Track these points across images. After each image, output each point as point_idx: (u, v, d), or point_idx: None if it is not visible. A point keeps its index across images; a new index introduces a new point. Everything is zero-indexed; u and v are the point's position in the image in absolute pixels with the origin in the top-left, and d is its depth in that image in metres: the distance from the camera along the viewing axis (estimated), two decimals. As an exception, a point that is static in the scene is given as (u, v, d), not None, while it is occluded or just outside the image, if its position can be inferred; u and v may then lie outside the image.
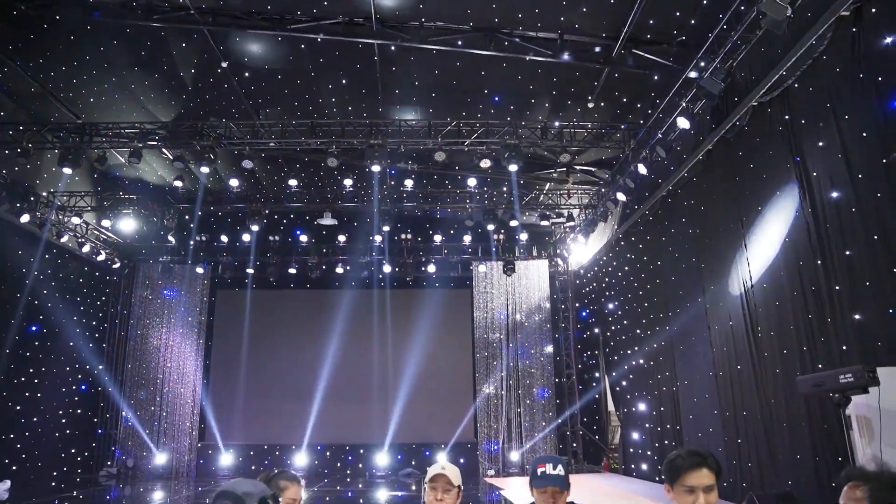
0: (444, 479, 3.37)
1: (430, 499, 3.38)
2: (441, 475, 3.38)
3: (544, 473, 3.26)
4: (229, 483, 2.53)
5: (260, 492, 2.49)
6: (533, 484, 3.32)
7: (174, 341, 17.30)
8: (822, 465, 7.59)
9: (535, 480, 3.30)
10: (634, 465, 14.24)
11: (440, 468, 3.42)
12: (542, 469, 3.28)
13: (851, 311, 7.07)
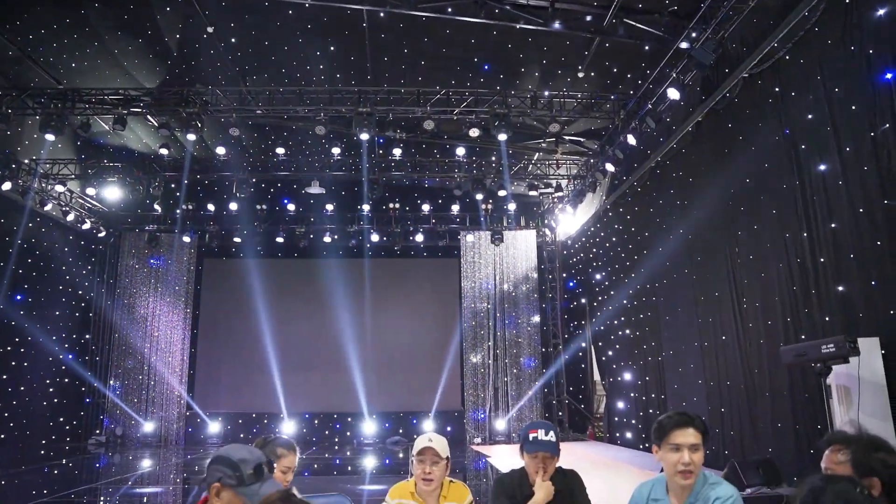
0: (431, 452, 3.40)
1: (419, 472, 3.41)
2: (428, 448, 3.41)
3: (536, 439, 3.32)
4: (224, 449, 2.54)
5: (255, 458, 2.49)
6: (524, 449, 3.37)
7: (161, 310, 17.26)
8: (801, 433, 7.76)
9: (526, 445, 3.35)
10: (619, 434, 14.48)
11: (427, 440, 3.45)
12: (534, 435, 3.33)
13: (835, 283, 7.16)
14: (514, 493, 3.37)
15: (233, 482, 2.42)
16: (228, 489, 2.43)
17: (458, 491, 3.51)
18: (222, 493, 2.44)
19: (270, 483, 2.46)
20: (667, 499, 2.85)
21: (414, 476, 3.47)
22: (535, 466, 3.33)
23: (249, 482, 2.42)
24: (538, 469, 3.30)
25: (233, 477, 2.43)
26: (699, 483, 2.75)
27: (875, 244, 6.56)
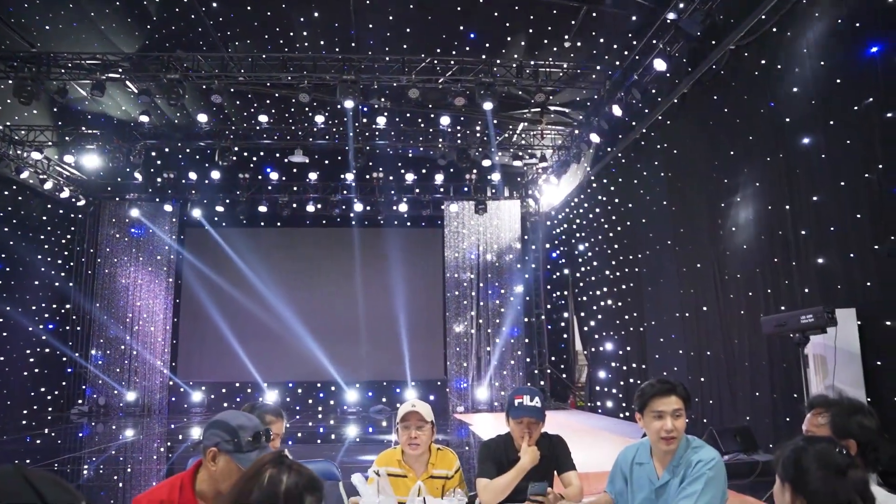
0: (416, 416, 3.44)
1: (405, 438, 3.44)
2: (412, 412, 3.44)
3: (521, 404, 3.36)
4: (222, 414, 2.53)
5: (254, 426, 2.49)
6: (510, 414, 3.41)
7: (143, 280, 17.14)
8: (778, 402, 7.94)
9: (512, 411, 3.40)
10: (600, 403, 14.71)
11: (410, 406, 3.48)
12: (520, 400, 3.38)
13: (815, 255, 7.27)
14: (499, 458, 3.41)
15: (230, 448, 2.42)
16: (225, 455, 2.43)
17: (445, 458, 3.56)
18: (218, 458, 2.44)
19: (267, 451, 2.47)
20: (651, 462, 2.91)
21: (400, 443, 3.51)
22: (520, 432, 3.37)
23: (247, 449, 2.43)
24: (524, 434, 3.35)
25: (231, 443, 2.43)
26: (682, 447, 2.82)
27: (855, 217, 6.66)
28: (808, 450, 1.74)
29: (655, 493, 2.83)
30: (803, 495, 1.71)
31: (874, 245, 6.40)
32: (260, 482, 1.69)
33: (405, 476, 3.44)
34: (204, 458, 2.47)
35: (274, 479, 1.70)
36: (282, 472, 1.71)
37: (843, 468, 1.69)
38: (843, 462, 1.69)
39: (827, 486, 1.68)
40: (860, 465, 1.70)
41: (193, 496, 2.47)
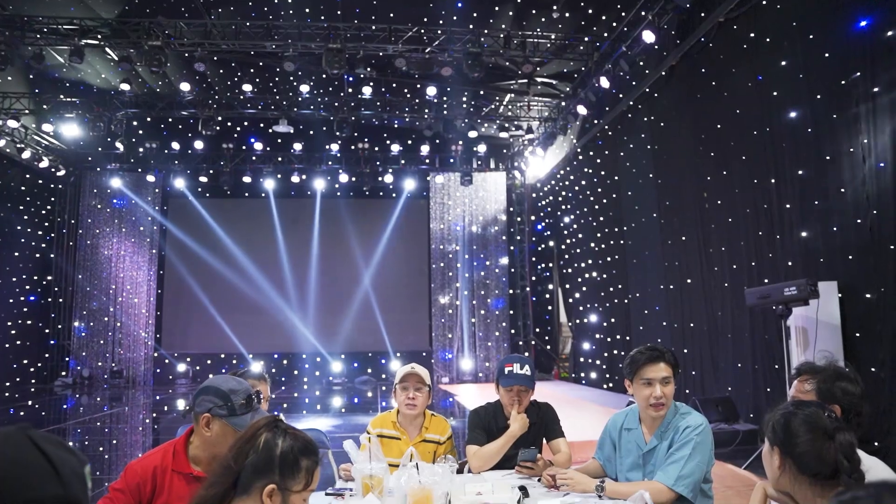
0: (415, 378, 3.48)
1: (402, 398, 3.49)
2: (412, 374, 3.48)
3: (511, 372, 3.40)
4: (213, 380, 2.53)
5: (245, 390, 2.51)
6: (500, 382, 3.45)
7: (126, 251, 16.98)
8: (759, 373, 8.09)
9: (502, 379, 3.44)
10: (584, 374, 14.91)
11: (410, 367, 3.52)
12: (510, 368, 3.42)
13: (799, 229, 7.36)
14: (489, 426, 3.47)
15: (224, 412, 2.43)
16: (219, 419, 2.44)
17: (439, 424, 3.61)
18: (213, 424, 2.45)
19: (260, 414, 2.48)
20: (639, 428, 2.97)
21: (398, 404, 3.55)
22: (510, 399, 3.42)
23: (241, 412, 2.44)
24: (513, 402, 3.39)
25: (224, 407, 2.43)
26: (670, 413, 2.88)
27: (839, 191, 6.73)
28: (798, 414, 1.78)
29: (643, 458, 2.90)
30: (791, 458, 1.76)
31: (857, 219, 6.49)
32: (255, 446, 1.71)
33: (399, 438, 3.49)
34: (197, 424, 2.48)
35: (269, 442, 1.72)
36: (277, 436, 1.73)
37: (831, 431, 1.74)
38: (831, 426, 1.75)
39: (814, 448, 1.73)
40: (847, 429, 1.75)
41: (187, 461, 2.49)
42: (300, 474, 1.72)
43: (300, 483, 1.72)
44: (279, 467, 1.69)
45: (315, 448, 1.79)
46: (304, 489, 1.74)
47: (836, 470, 1.72)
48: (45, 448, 0.96)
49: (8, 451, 0.93)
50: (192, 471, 2.49)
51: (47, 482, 0.93)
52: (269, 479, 1.68)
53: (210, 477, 1.73)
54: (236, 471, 1.69)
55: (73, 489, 0.96)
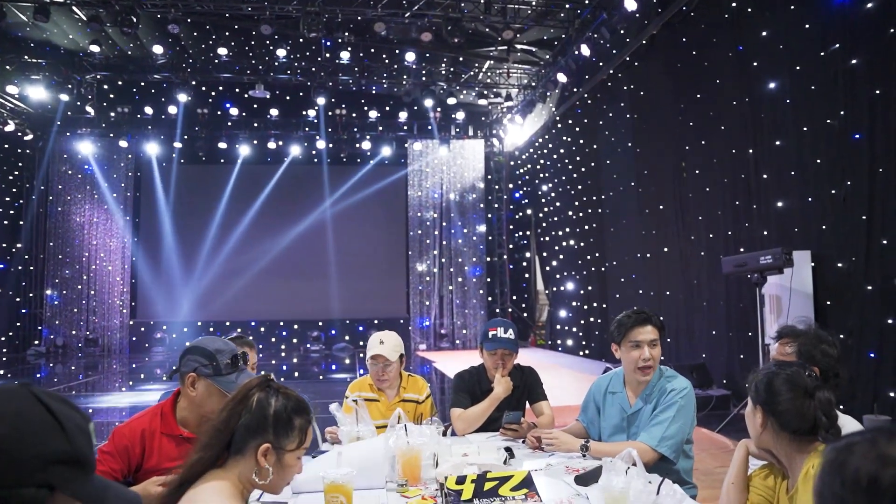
0: (382, 359, 3.51)
1: (373, 373, 3.54)
2: (378, 355, 3.50)
3: (496, 336, 3.44)
4: (198, 340, 2.54)
5: (231, 350, 2.51)
6: (484, 346, 3.49)
7: (99, 218, 16.68)
8: (733, 340, 8.27)
9: (486, 343, 3.47)
10: (560, 341, 15.10)
11: (378, 344, 3.52)
12: (494, 332, 3.45)
13: (775, 199, 7.47)
14: (473, 389, 3.51)
15: (209, 371, 2.44)
16: (204, 379, 2.45)
17: (416, 383, 3.65)
18: (198, 383, 2.46)
19: (246, 374, 2.49)
20: (624, 391, 3.02)
21: (370, 375, 3.59)
22: (494, 363, 3.46)
23: (226, 372, 2.44)
24: (497, 365, 3.43)
25: (209, 367, 2.44)
26: (655, 376, 2.94)
27: (815, 162, 6.83)
28: (780, 374, 1.85)
29: (627, 421, 2.96)
30: (774, 416, 1.83)
31: (832, 190, 6.60)
32: (248, 406, 1.72)
33: (377, 400, 3.54)
34: (182, 384, 2.49)
35: (262, 402, 1.72)
36: (270, 396, 1.74)
37: (811, 390, 1.81)
38: (811, 384, 1.82)
39: (795, 406, 1.80)
40: (826, 387, 1.81)
41: (175, 423, 2.50)
42: (294, 433, 1.74)
43: (294, 442, 1.74)
44: (273, 427, 1.71)
45: (307, 407, 1.80)
46: (298, 447, 1.75)
47: (815, 426, 1.79)
48: (49, 404, 0.96)
49: (13, 407, 0.93)
50: (181, 432, 2.50)
51: (53, 437, 0.93)
52: (263, 438, 1.69)
53: (202, 439, 1.73)
54: (229, 432, 1.70)
55: (78, 444, 0.96)
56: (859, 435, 0.88)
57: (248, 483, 1.70)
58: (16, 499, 0.87)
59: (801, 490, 1.75)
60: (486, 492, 2.07)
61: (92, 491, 0.97)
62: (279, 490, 1.79)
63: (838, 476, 0.85)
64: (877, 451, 0.83)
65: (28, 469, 0.89)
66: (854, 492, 0.83)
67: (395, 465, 2.52)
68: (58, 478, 0.92)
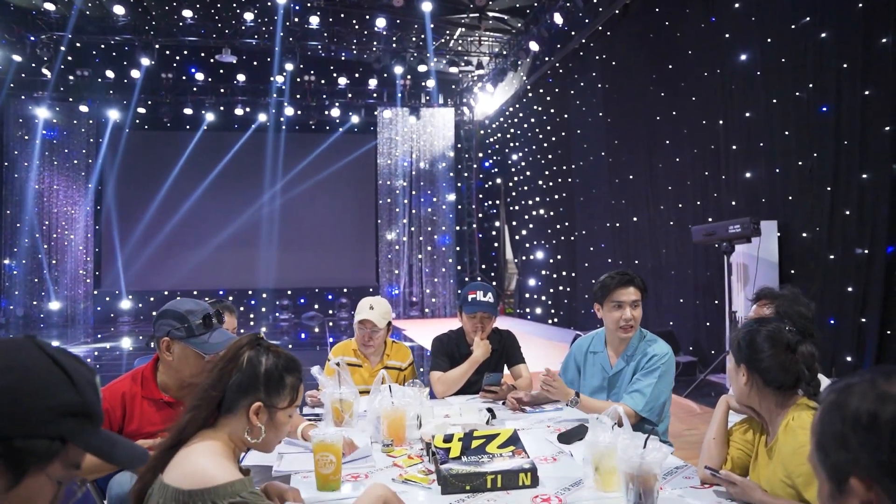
0: (370, 324, 3.53)
1: (359, 337, 3.56)
2: (367, 320, 3.52)
3: (475, 300, 3.48)
4: (170, 304, 2.52)
5: (203, 309, 2.49)
6: (463, 309, 3.53)
7: (59, 185, 16.19)
8: (700, 308, 8.47)
9: (466, 306, 3.51)
10: (529, 310, 15.26)
11: (368, 309, 3.55)
12: (473, 296, 3.49)
13: (743, 170, 7.61)
14: (452, 352, 3.56)
15: (182, 334, 2.42)
16: (178, 342, 2.44)
17: (400, 350, 3.70)
18: (173, 347, 2.45)
19: (219, 332, 2.48)
20: (605, 352, 3.10)
21: (356, 340, 3.61)
22: (473, 326, 3.50)
23: (199, 332, 2.43)
24: (476, 328, 3.48)
25: (181, 329, 2.43)
26: (636, 338, 3.01)
27: (783, 134, 6.95)
28: (760, 331, 1.90)
29: (609, 381, 3.03)
30: (757, 372, 1.88)
31: (799, 161, 6.74)
32: (239, 365, 1.71)
33: (360, 365, 3.56)
34: (159, 350, 2.47)
35: (253, 360, 1.72)
36: (260, 354, 1.74)
37: (793, 345, 1.87)
38: (793, 339, 1.88)
39: (778, 361, 1.86)
40: (807, 341, 1.87)
41: (156, 388, 2.49)
42: (285, 391, 1.74)
43: (285, 400, 1.74)
44: (264, 385, 1.70)
45: (298, 365, 1.80)
46: (290, 406, 1.76)
47: (798, 380, 1.85)
48: (55, 356, 0.95)
49: (20, 359, 0.92)
50: (162, 397, 2.49)
51: (63, 390, 0.92)
52: (255, 396, 1.69)
53: (193, 399, 1.72)
54: (220, 391, 1.69)
55: (87, 397, 0.95)
56: (858, 376, 0.91)
57: (240, 442, 1.71)
58: (30, 450, 0.87)
59: (781, 441, 1.81)
60: (473, 449, 2.11)
61: (101, 443, 0.97)
62: (271, 448, 1.80)
63: (839, 415, 0.89)
64: (876, 390, 0.87)
65: (41, 421, 0.88)
66: (854, 429, 0.87)
67: (379, 425, 2.55)
68: (69, 430, 0.91)
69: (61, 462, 0.91)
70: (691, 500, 1.89)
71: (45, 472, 0.88)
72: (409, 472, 2.17)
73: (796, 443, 1.74)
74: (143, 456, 1.08)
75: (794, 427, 1.78)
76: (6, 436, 0.85)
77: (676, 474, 2.13)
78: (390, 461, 2.33)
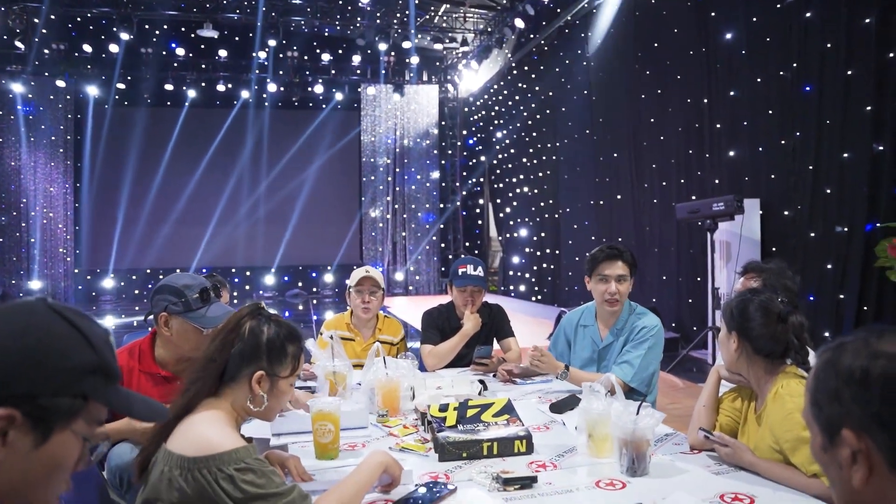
0: (370, 282, 3.56)
1: (357, 302, 3.58)
2: (367, 277, 3.56)
3: (465, 273, 3.53)
4: (166, 279, 2.54)
5: (199, 283, 2.51)
6: (454, 283, 3.57)
7: (36, 162, 15.87)
8: (682, 285, 8.58)
9: (456, 280, 3.55)
10: (513, 287, 15.36)
11: (364, 271, 3.60)
12: (463, 270, 3.54)
13: (727, 148, 7.68)
14: (442, 326, 3.61)
15: (179, 309, 2.45)
16: (176, 316, 2.46)
17: (392, 325, 3.74)
18: (171, 322, 2.47)
19: (217, 306, 2.51)
20: (595, 325, 3.15)
21: (352, 306, 3.63)
22: (463, 300, 3.55)
23: (196, 307, 2.46)
24: (466, 302, 3.53)
25: (179, 304, 2.45)
26: (626, 311, 3.07)
27: (767, 113, 7.03)
28: (753, 300, 1.96)
29: (599, 354, 3.09)
30: (748, 340, 1.95)
31: (781, 140, 6.82)
32: (241, 334, 1.74)
33: (353, 340, 3.60)
34: (157, 325, 2.49)
35: (255, 330, 1.75)
36: (262, 324, 1.76)
37: (784, 315, 1.93)
38: (784, 310, 1.94)
39: (769, 330, 1.92)
40: (797, 312, 1.93)
41: (154, 363, 2.51)
42: (287, 360, 1.77)
43: (287, 368, 1.77)
44: (266, 354, 1.73)
45: (299, 334, 1.83)
46: (291, 374, 1.79)
47: (787, 349, 1.91)
48: (70, 317, 0.96)
49: (36, 320, 0.93)
50: (159, 371, 2.50)
51: (81, 350, 0.94)
52: (257, 365, 1.72)
53: (195, 370, 1.74)
54: (222, 361, 1.72)
55: (105, 354, 0.97)
56: (852, 336, 0.97)
57: (243, 410, 1.73)
58: (55, 407, 0.89)
59: (770, 408, 1.87)
60: (468, 418, 2.16)
61: (120, 399, 1.00)
62: (272, 417, 1.83)
63: (833, 371, 0.94)
64: (868, 349, 0.92)
65: (63, 379, 0.90)
66: (848, 384, 0.92)
67: (374, 397, 2.59)
68: (90, 387, 0.94)
69: (84, 419, 0.93)
70: (682, 465, 1.95)
71: (70, 429, 0.91)
72: (405, 441, 2.22)
73: (784, 410, 1.80)
74: (162, 410, 1.12)
75: (782, 395, 1.84)
76: (31, 394, 0.87)
77: (666, 441, 2.19)
78: (386, 431, 2.37)
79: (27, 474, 0.88)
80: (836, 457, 0.93)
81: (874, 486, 0.89)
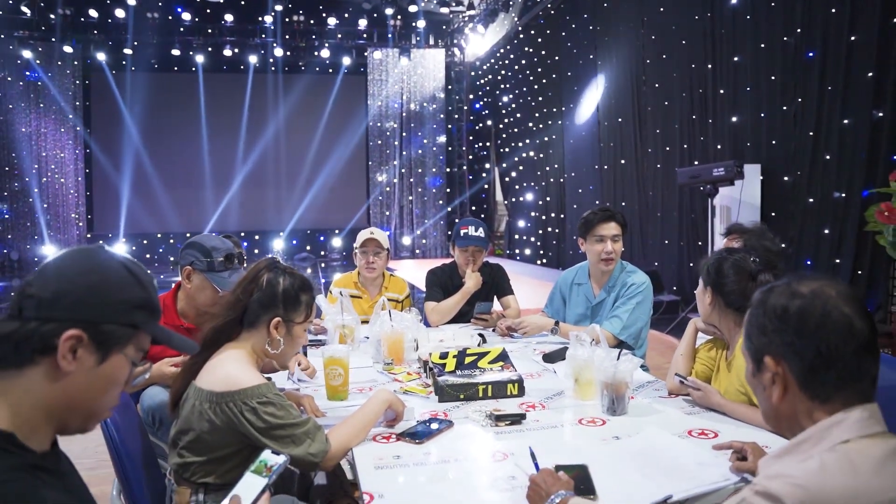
0: (374, 243, 3.75)
1: (362, 262, 3.77)
2: (371, 239, 3.74)
3: (467, 234, 3.71)
4: (198, 237, 2.75)
5: (227, 248, 2.71)
6: (456, 243, 3.75)
7: (47, 128, 15.99)
8: (684, 249, 8.73)
9: (458, 240, 3.73)
10: (518, 250, 15.54)
11: (369, 233, 3.78)
12: (465, 230, 3.72)
13: (730, 114, 7.75)
14: (445, 284, 3.81)
15: (203, 267, 2.66)
16: (199, 273, 2.66)
17: (397, 283, 3.93)
18: (193, 277, 2.68)
19: (239, 273, 2.65)
20: (588, 283, 3.35)
21: (358, 267, 3.83)
22: (465, 259, 3.74)
23: (219, 269, 2.67)
24: (468, 261, 3.72)
25: (203, 262, 2.66)
26: (617, 270, 3.25)
27: (770, 79, 7.08)
28: (728, 259, 2.14)
29: (592, 310, 3.29)
30: (721, 295, 2.13)
31: (783, 106, 6.89)
32: (259, 284, 1.94)
33: (360, 297, 3.80)
34: (181, 276, 2.69)
35: (272, 281, 1.95)
36: (278, 276, 1.97)
37: (755, 273, 2.11)
38: (755, 268, 2.11)
39: (740, 287, 2.10)
40: (767, 271, 2.10)
41: (176, 315, 2.71)
42: (301, 307, 1.97)
43: (301, 315, 1.98)
44: (283, 302, 1.94)
45: (311, 284, 2.03)
46: (305, 320, 2.00)
47: None
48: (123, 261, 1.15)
49: (98, 262, 1.12)
50: (181, 323, 2.71)
51: (133, 287, 1.13)
52: (275, 312, 1.92)
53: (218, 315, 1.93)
54: (242, 307, 1.91)
55: (151, 294, 1.17)
56: (781, 280, 1.15)
57: (262, 353, 1.94)
58: (112, 333, 1.08)
59: (738, 357, 2.06)
60: (466, 365, 2.35)
61: (161, 332, 1.20)
62: (287, 360, 2.03)
63: (761, 309, 1.13)
64: (790, 290, 1.11)
65: (119, 311, 1.09)
66: (771, 319, 1.11)
67: (380, 347, 2.79)
68: (140, 319, 1.12)
69: (134, 345, 1.12)
70: (659, 406, 2.15)
71: (123, 353, 1.10)
72: (409, 385, 2.42)
73: (750, 358, 1.99)
74: (193, 346, 1.35)
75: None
76: (95, 321, 1.05)
77: (647, 387, 2.39)
78: (391, 377, 2.58)
79: (91, 385, 1.06)
80: (760, 380, 1.13)
81: (788, 402, 1.09)
